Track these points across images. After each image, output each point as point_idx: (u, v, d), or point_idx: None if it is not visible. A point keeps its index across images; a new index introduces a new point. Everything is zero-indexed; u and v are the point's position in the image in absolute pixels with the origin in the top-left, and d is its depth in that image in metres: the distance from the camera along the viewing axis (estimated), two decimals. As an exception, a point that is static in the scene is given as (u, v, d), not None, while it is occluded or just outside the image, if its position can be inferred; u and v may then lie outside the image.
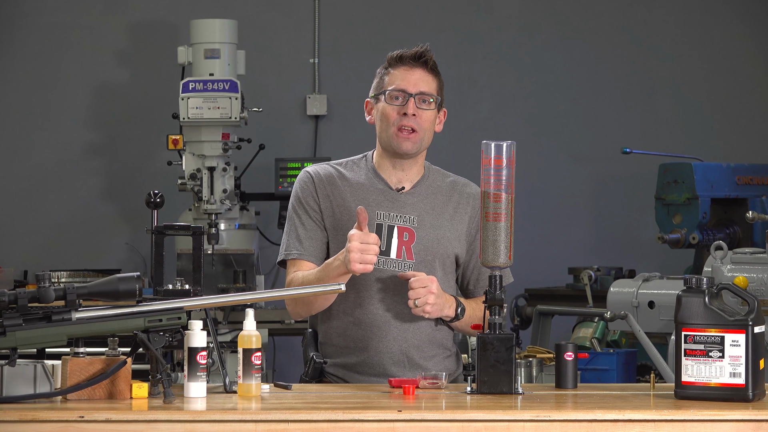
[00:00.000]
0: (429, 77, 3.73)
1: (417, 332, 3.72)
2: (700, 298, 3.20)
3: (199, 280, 3.50)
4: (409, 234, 3.72)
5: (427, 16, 8.24)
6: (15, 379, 3.15)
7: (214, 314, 5.93)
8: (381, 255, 3.67)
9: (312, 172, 3.80)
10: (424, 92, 3.71)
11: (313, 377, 3.76)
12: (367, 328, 3.71)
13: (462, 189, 3.82)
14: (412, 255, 3.71)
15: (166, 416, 3.01)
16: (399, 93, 3.71)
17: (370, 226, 3.65)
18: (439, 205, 3.78)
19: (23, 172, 8.03)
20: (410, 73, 3.72)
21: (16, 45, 8.02)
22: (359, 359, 3.72)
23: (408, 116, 3.69)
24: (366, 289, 3.69)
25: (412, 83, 3.71)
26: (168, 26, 8.00)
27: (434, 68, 3.75)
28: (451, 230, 3.77)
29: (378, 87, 3.77)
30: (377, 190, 3.76)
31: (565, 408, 3.13)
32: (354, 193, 3.75)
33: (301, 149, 8.04)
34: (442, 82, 3.78)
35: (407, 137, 3.70)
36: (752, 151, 7.97)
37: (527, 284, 7.37)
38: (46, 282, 3.13)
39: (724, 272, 5.45)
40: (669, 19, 8.33)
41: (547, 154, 8.22)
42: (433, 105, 3.72)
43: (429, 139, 3.76)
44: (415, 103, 3.70)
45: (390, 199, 3.75)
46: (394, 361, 3.70)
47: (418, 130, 3.70)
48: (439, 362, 3.74)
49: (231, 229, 7.04)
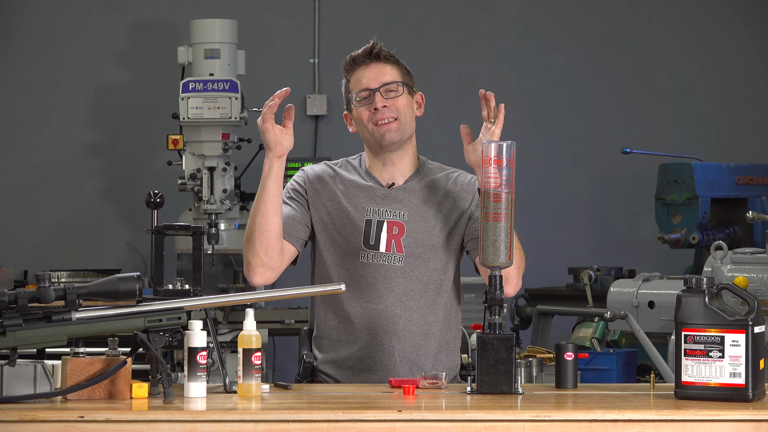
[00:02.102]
0: (386, 67, 3.77)
1: (407, 324, 3.72)
2: (700, 298, 3.20)
3: (199, 280, 3.50)
4: (399, 228, 3.74)
5: (427, 16, 8.24)
6: (15, 379, 3.15)
7: (214, 314, 5.94)
8: (370, 249, 3.72)
9: (307, 169, 3.85)
10: (387, 82, 3.75)
11: (305, 377, 3.77)
12: (357, 321, 3.72)
13: (457, 179, 3.82)
14: (402, 248, 3.72)
15: (166, 416, 3.01)
16: (364, 92, 3.75)
17: (359, 222, 3.73)
18: (432, 198, 3.78)
19: (23, 172, 8.03)
20: (367, 70, 3.76)
21: (16, 45, 8.02)
22: (349, 353, 3.74)
23: (380, 110, 3.72)
24: (356, 283, 3.70)
25: (372, 79, 3.75)
26: (168, 26, 8.01)
27: (389, 58, 3.78)
28: (446, 222, 3.76)
29: (346, 97, 3.83)
30: (367, 188, 3.79)
31: (565, 408, 3.13)
32: (345, 191, 3.78)
33: (301, 149, 8.04)
34: (404, 68, 3.81)
35: (388, 126, 3.73)
36: (752, 151, 7.97)
37: (527, 284, 7.34)
38: (46, 282, 3.13)
39: (724, 272, 5.45)
40: (669, 19, 8.33)
41: (547, 154, 8.22)
42: (401, 90, 3.76)
43: (411, 124, 3.78)
44: (382, 95, 3.73)
45: (380, 196, 3.77)
46: (384, 354, 3.71)
47: (398, 116, 3.74)
48: (428, 354, 3.73)
49: (231, 229, 7.04)
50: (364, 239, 3.73)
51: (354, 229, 3.73)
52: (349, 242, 3.73)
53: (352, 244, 3.72)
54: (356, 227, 3.73)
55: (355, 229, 3.73)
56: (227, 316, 6.45)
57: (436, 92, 7.94)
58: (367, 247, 3.72)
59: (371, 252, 3.72)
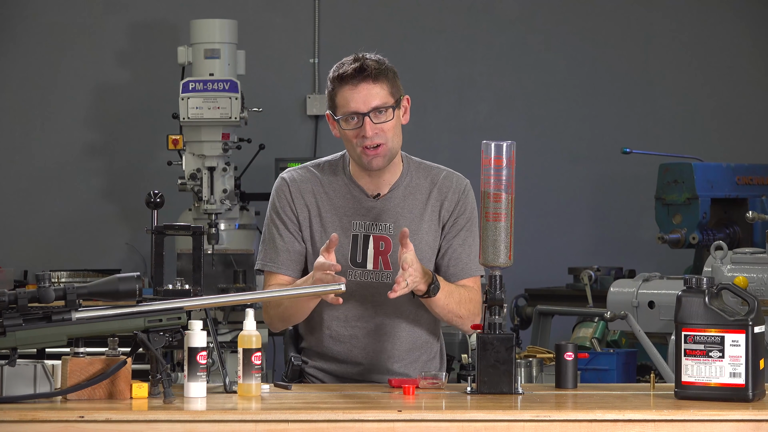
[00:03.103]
0: (376, 87, 3.59)
1: (396, 342, 3.69)
2: (700, 298, 3.20)
3: (199, 280, 3.50)
4: (385, 243, 3.67)
5: (427, 16, 8.24)
6: (15, 379, 3.15)
7: (214, 314, 5.94)
8: (357, 267, 3.65)
9: (288, 179, 3.72)
10: (377, 106, 3.59)
11: (293, 379, 3.73)
12: (346, 340, 3.69)
13: (442, 182, 3.72)
14: (390, 265, 3.65)
15: (166, 416, 3.01)
16: (353, 115, 3.59)
17: (346, 237, 3.64)
18: (416, 207, 3.70)
19: (23, 172, 8.03)
20: (356, 91, 3.58)
21: (16, 45, 8.02)
22: (339, 369, 3.71)
23: (368, 136, 3.58)
24: (345, 301, 3.58)
25: (361, 102, 3.58)
26: (168, 26, 8.01)
27: (379, 73, 3.60)
28: (429, 232, 3.71)
29: (330, 106, 3.66)
30: (353, 198, 3.69)
31: (565, 408, 3.13)
32: (330, 202, 3.69)
33: (301, 149, 8.04)
34: (391, 78, 3.63)
35: (375, 152, 3.60)
36: (752, 151, 7.97)
37: (527, 284, 7.36)
38: (46, 282, 3.13)
39: (724, 272, 5.45)
40: (669, 19, 8.33)
41: (547, 154, 8.22)
42: (390, 114, 3.60)
43: (398, 141, 3.65)
44: (372, 119, 3.58)
45: (366, 207, 3.68)
46: (374, 372, 3.69)
47: (384, 142, 3.60)
48: (420, 366, 3.71)
49: (231, 229, 7.04)
50: (351, 257, 3.66)
51: (340, 246, 3.60)
52: (337, 260, 3.55)
53: (339, 261, 3.56)
54: (342, 244, 3.62)
55: (342, 246, 3.63)
56: (227, 316, 6.44)
57: (436, 92, 7.94)
58: (354, 265, 3.65)
59: (359, 270, 3.66)
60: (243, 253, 6.88)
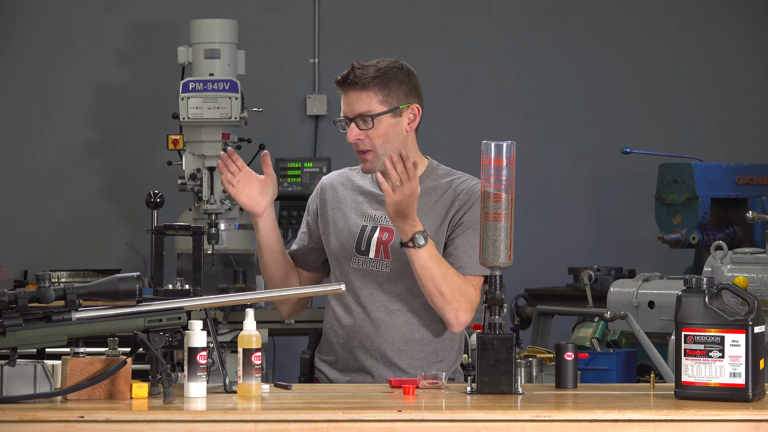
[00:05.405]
0: (362, 95, 3.70)
1: (391, 330, 3.75)
2: (700, 298, 3.20)
3: (199, 280, 3.50)
4: (389, 233, 3.75)
5: (426, 16, 8.24)
6: (15, 379, 3.15)
7: (214, 314, 5.92)
8: (360, 255, 3.77)
9: (324, 180, 3.93)
10: (361, 113, 3.71)
11: (303, 374, 3.86)
12: (348, 326, 3.77)
13: (458, 185, 3.79)
14: (389, 254, 3.74)
15: (166, 416, 3.01)
16: (343, 120, 3.78)
17: (355, 228, 3.78)
18: (428, 205, 3.76)
19: (23, 172, 8.03)
20: (345, 97, 3.75)
21: (16, 45, 8.02)
22: (337, 356, 3.79)
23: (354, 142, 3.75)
24: (349, 288, 3.72)
25: (348, 107, 3.75)
26: (168, 26, 8.00)
27: (368, 82, 3.70)
28: (436, 228, 3.74)
29: None
30: (370, 193, 3.82)
31: (565, 408, 3.13)
32: (352, 197, 3.83)
33: (301, 149, 8.04)
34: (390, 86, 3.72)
35: (364, 157, 3.76)
36: (752, 151, 7.97)
37: (527, 284, 7.37)
38: (46, 282, 3.13)
39: (724, 272, 5.45)
40: (669, 18, 8.33)
41: (547, 154, 8.22)
42: (370, 123, 3.71)
43: (392, 149, 3.69)
44: (358, 126, 3.73)
45: (380, 202, 3.76)
46: (367, 358, 3.74)
47: (371, 149, 3.73)
48: (417, 362, 3.74)
49: (231, 229, 7.04)
50: (356, 245, 3.77)
51: (349, 234, 3.77)
52: (344, 248, 3.78)
53: (346, 249, 3.77)
54: (351, 233, 3.78)
55: (350, 235, 3.77)
56: (227, 316, 6.44)
57: (436, 92, 7.94)
58: (358, 253, 3.77)
59: (361, 258, 3.77)
60: (243, 253, 6.88)
